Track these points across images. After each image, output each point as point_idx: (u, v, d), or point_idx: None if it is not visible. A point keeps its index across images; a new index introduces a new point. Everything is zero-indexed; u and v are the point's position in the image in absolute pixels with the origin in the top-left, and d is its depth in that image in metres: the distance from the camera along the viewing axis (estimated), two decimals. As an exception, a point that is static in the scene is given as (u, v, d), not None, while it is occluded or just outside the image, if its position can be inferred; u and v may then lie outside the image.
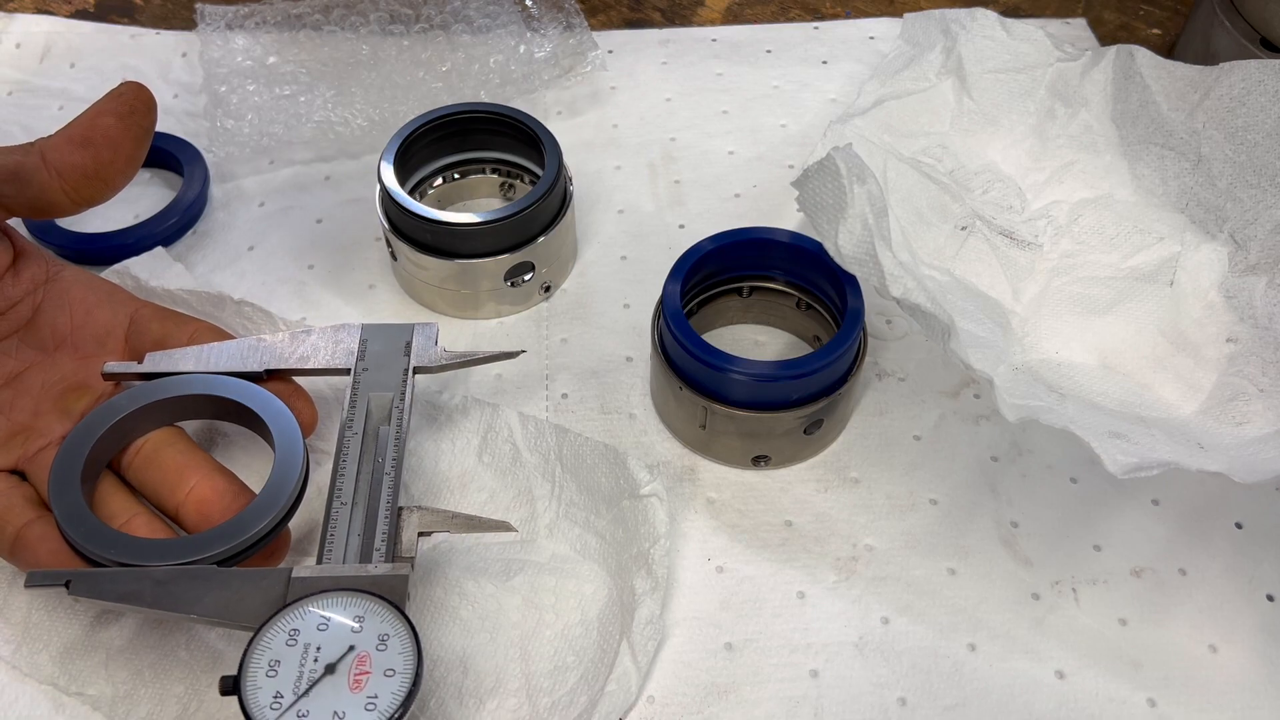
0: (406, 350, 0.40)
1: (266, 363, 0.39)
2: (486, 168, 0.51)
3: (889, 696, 0.36)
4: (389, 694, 0.30)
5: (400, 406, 0.38)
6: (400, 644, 0.31)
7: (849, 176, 0.39)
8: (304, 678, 0.30)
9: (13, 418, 0.37)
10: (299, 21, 0.58)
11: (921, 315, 0.37)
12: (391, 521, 0.35)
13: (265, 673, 0.30)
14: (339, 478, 0.36)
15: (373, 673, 0.30)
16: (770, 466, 0.42)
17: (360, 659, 0.31)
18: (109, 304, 0.40)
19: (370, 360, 0.40)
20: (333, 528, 0.35)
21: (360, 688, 0.30)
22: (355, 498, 0.36)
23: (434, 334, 0.41)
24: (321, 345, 0.40)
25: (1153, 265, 0.46)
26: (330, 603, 0.32)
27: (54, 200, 0.38)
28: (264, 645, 0.31)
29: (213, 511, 0.36)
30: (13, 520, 0.35)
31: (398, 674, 0.30)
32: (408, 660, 0.31)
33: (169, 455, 0.37)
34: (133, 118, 0.39)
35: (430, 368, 0.40)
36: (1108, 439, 0.34)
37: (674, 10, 0.65)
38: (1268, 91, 0.46)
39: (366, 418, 0.38)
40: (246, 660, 0.30)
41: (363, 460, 0.37)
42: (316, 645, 0.31)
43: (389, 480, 0.36)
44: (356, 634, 0.31)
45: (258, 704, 0.29)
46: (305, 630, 0.31)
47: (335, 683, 0.30)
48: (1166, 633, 0.38)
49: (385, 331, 0.41)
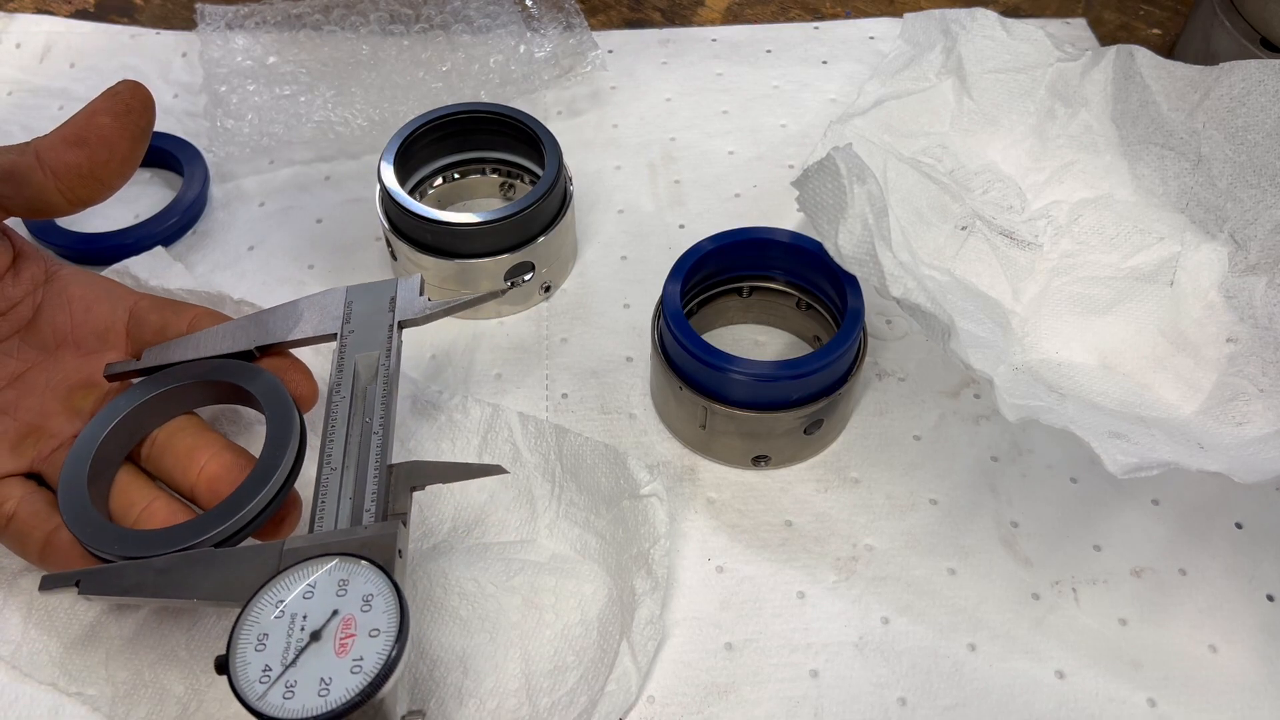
0: (391, 305, 0.39)
1: (257, 340, 0.39)
2: (486, 168, 0.51)
3: (889, 696, 0.36)
4: (374, 654, 0.29)
5: (386, 363, 0.38)
6: (384, 603, 0.30)
7: (849, 176, 0.39)
8: (291, 648, 0.30)
9: (21, 418, 0.37)
10: (299, 21, 0.58)
11: (921, 315, 0.37)
12: (381, 480, 0.34)
13: (254, 647, 0.30)
14: (328, 443, 0.36)
15: (358, 635, 0.30)
16: (770, 466, 0.42)
17: (345, 622, 0.30)
18: (107, 299, 0.40)
19: (356, 322, 0.39)
20: (323, 493, 0.34)
21: (346, 651, 0.30)
22: (345, 461, 0.35)
23: (417, 285, 0.40)
24: (309, 314, 0.40)
25: (1153, 265, 0.46)
26: (313, 569, 0.31)
27: (50, 200, 0.38)
28: (251, 620, 0.30)
29: (222, 487, 0.36)
30: (40, 526, 0.35)
31: (382, 633, 0.30)
32: (391, 618, 0.30)
33: (180, 439, 0.37)
34: (129, 117, 0.39)
35: (416, 320, 0.39)
36: (1108, 439, 0.34)
37: (674, 10, 0.65)
38: (1268, 91, 0.46)
39: (354, 379, 0.37)
40: (234, 637, 0.30)
41: (351, 423, 0.36)
42: (303, 614, 0.30)
43: (377, 439, 0.36)
44: (341, 598, 0.31)
45: (246, 679, 0.29)
46: (291, 601, 0.31)
47: (321, 649, 0.30)
48: (1166, 633, 0.38)
49: (370, 291, 0.40)
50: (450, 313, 0.40)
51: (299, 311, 0.40)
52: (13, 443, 0.37)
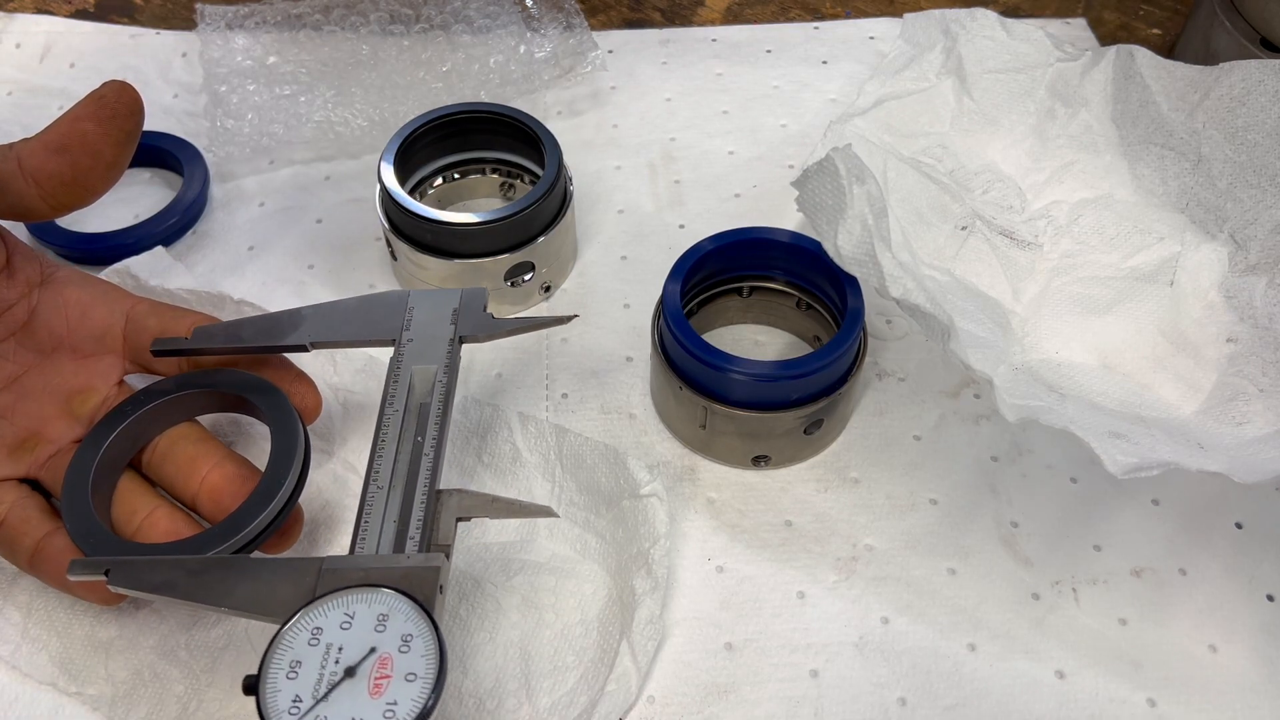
0: (453, 318, 0.37)
1: (312, 336, 0.37)
2: (486, 168, 0.51)
3: (889, 696, 0.36)
4: (409, 700, 0.28)
5: (444, 380, 0.35)
6: (423, 645, 0.29)
7: (848, 177, 0.39)
8: (324, 680, 0.29)
9: (18, 423, 0.37)
10: (299, 21, 0.58)
11: (921, 316, 0.37)
12: (428, 507, 0.33)
13: (286, 674, 0.29)
14: (376, 459, 0.34)
15: (393, 676, 0.29)
16: (770, 466, 0.42)
17: (381, 661, 0.29)
18: (105, 302, 0.40)
19: (416, 330, 0.37)
20: (367, 513, 0.33)
21: (380, 693, 0.28)
22: (393, 480, 0.33)
23: (483, 300, 0.38)
24: (367, 315, 0.38)
25: (1153, 265, 0.46)
26: (354, 599, 0.30)
27: (31, 206, 0.37)
28: (286, 644, 0.29)
29: (224, 498, 0.36)
30: (30, 533, 0.35)
31: (419, 679, 0.29)
32: (430, 664, 0.29)
33: (182, 448, 0.37)
34: (114, 122, 0.37)
35: (478, 337, 0.37)
36: (1108, 439, 0.34)
37: (674, 10, 0.65)
38: (1268, 91, 0.46)
39: (409, 393, 0.36)
40: (268, 660, 0.29)
41: (402, 440, 0.34)
42: (339, 645, 0.29)
43: (428, 461, 0.34)
44: (379, 634, 0.29)
45: (276, 708, 0.28)
46: (328, 629, 0.30)
47: (355, 687, 0.29)
48: (1166, 633, 0.38)
49: (432, 298, 0.38)
50: (515, 332, 0.38)
51: (358, 310, 0.38)
52: (10, 448, 0.36)
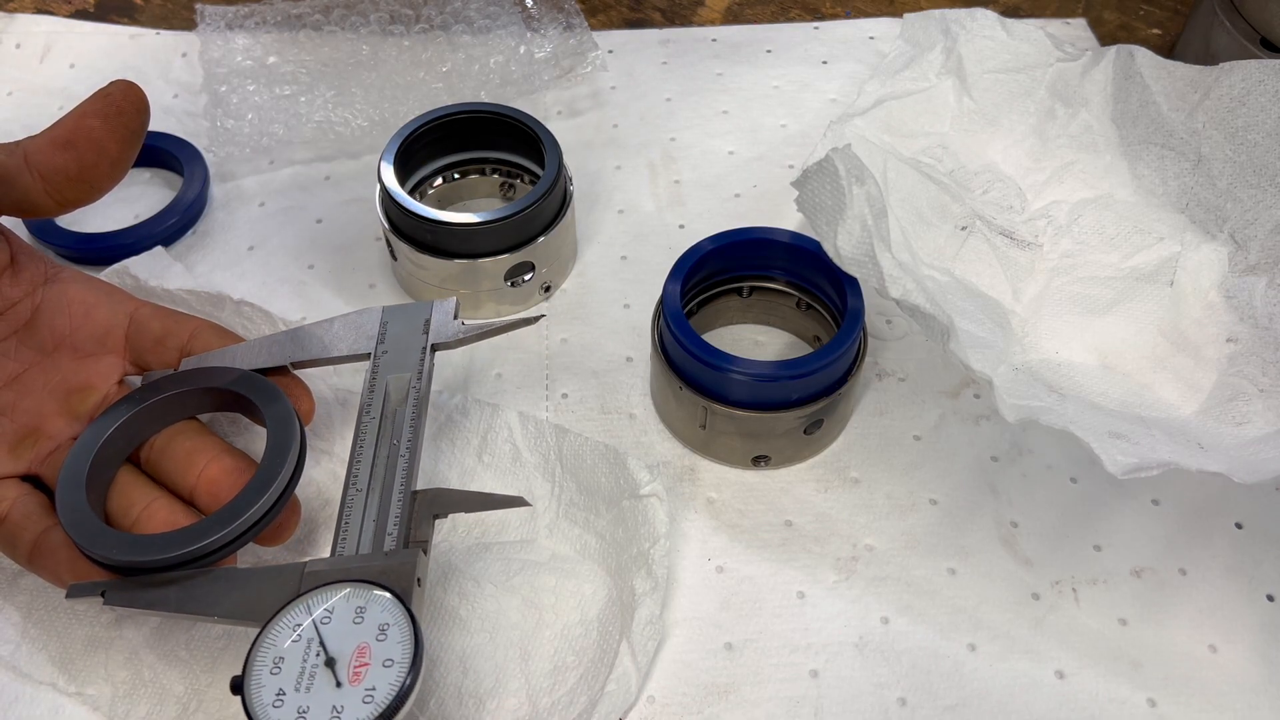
0: (425, 328, 0.39)
1: (292, 355, 0.39)
2: (486, 168, 0.51)
3: (889, 696, 0.36)
4: (386, 685, 0.30)
5: (418, 386, 0.38)
6: (399, 633, 0.31)
7: (848, 177, 0.39)
8: (305, 673, 0.30)
9: (19, 420, 0.37)
10: (299, 21, 0.58)
11: (921, 316, 0.37)
12: (405, 506, 0.35)
13: (269, 670, 0.30)
14: (355, 464, 0.36)
15: (371, 664, 0.30)
16: (770, 466, 0.42)
17: (360, 650, 0.30)
18: (108, 304, 0.40)
19: (390, 343, 0.39)
20: (347, 516, 0.35)
21: (359, 680, 0.30)
22: (371, 484, 0.35)
23: (452, 308, 0.40)
24: (344, 333, 0.40)
25: (1153, 265, 0.46)
26: (331, 595, 0.32)
27: (37, 202, 0.37)
28: (269, 642, 0.31)
29: (222, 490, 0.36)
30: (30, 528, 0.35)
31: (396, 664, 0.30)
32: (406, 649, 0.30)
33: (180, 443, 0.37)
34: (120, 119, 0.38)
35: (449, 343, 0.39)
36: (1108, 439, 0.34)
37: (674, 10, 0.65)
38: (1268, 91, 0.46)
39: (385, 401, 0.38)
40: (251, 658, 0.30)
41: (379, 445, 0.37)
42: (319, 640, 0.31)
43: (404, 463, 0.36)
44: (358, 625, 0.31)
45: (260, 702, 0.29)
46: (309, 625, 0.31)
47: (335, 677, 0.30)
48: (1166, 633, 0.38)
49: (405, 312, 0.40)
50: (483, 337, 0.40)
51: (334, 330, 0.40)
52: (11, 444, 0.37)
